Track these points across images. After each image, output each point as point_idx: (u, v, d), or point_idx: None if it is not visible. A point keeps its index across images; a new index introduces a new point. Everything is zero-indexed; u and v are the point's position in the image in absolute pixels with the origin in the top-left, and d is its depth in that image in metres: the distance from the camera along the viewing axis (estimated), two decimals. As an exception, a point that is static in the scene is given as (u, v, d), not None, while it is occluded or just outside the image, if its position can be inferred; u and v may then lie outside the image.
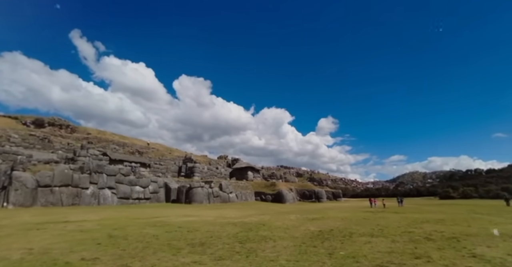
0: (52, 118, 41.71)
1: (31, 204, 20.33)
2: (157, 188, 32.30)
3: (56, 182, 22.37)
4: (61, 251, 6.61)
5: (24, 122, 38.98)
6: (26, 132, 33.08)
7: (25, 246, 7.16)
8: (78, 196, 23.72)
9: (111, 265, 5.61)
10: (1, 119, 38.41)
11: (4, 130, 30.78)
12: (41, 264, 5.52)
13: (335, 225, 13.40)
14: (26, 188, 20.24)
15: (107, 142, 43.86)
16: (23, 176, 20.11)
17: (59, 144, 34.21)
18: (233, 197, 38.72)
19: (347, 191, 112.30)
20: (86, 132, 46.71)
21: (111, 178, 26.84)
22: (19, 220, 13.03)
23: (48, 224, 11.74)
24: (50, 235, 9.08)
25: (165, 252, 6.94)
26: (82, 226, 11.37)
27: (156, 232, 10.16)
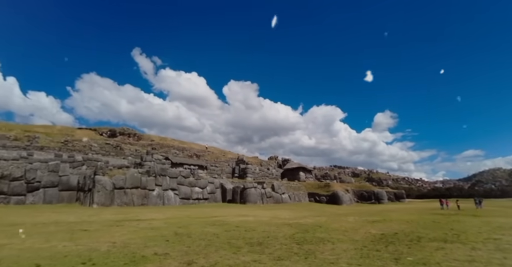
0: (122, 128, 47.54)
1: (110, 204, 23.30)
2: (214, 189, 34.06)
3: (128, 184, 25.22)
4: (137, 246, 7.46)
5: (101, 133, 45.22)
6: (103, 142, 38.38)
7: (109, 240, 8.26)
8: (146, 197, 26.37)
9: (179, 261, 6.12)
10: (84, 131, 45.17)
11: (87, 141, 36.30)
12: (123, 256, 6.32)
13: (400, 228, 12.35)
14: (106, 190, 23.27)
15: (168, 148, 48.01)
16: (103, 179, 23.22)
17: (129, 151, 38.72)
18: (286, 198, 38.62)
19: (411, 191, 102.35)
20: (150, 139, 51.88)
21: (173, 180, 29.21)
22: (103, 217, 15.04)
23: (124, 222, 13.30)
24: (127, 231, 10.29)
25: (226, 250, 7.28)
26: (152, 224, 12.61)
27: (216, 230, 10.73)
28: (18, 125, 42.79)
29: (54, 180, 24.06)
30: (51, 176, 23.99)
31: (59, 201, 23.88)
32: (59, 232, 9.58)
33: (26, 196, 22.41)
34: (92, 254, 6.31)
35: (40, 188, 23.22)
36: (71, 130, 44.65)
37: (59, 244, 7.34)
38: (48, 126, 47.51)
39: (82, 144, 35.58)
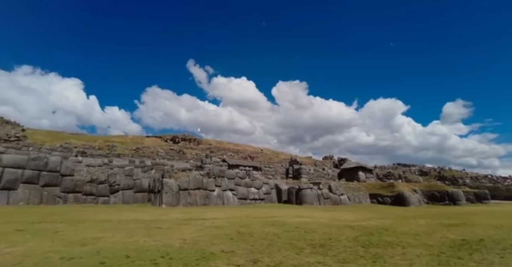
0: (183, 135, 51.86)
1: (176, 204, 25.42)
2: (269, 189, 34.47)
3: (191, 186, 27.18)
4: (205, 243, 8.02)
5: (165, 139, 50.00)
6: (168, 147, 42.39)
7: (180, 237, 9.05)
8: (207, 197, 28.05)
9: (245, 258, 6.40)
10: (151, 138, 50.48)
11: (154, 147, 40.58)
12: (194, 252, 6.87)
13: (486, 234, 10.74)
14: (172, 191, 25.49)
15: (224, 150, 50.48)
16: (169, 182, 25.50)
17: (190, 155, 41.92)
18: (344, 199, 36.91)
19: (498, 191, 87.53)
20: (208, 143, 55.25)
21: (231, 181, 30.50)
22: (172, 216, 16.52)
23: (191, 221, 14.39)
24: (194, 229, 11.12)
25: (289, 250, 7.34)
26: (215, 223, 13.38)
27: (276, 231, 10.87)
28: (100, 137, 49.94)
29: (130, 183, 27.31)
30: (127, 179, 27.29)
31: (134, 201, 26.99)
32: (138, 228, 10.86)
33: (110, 197, 25.88)
34: (168, 250, 7.01)
35: (119, 190, 26.58)
36: (140, 138, 50.38)
37: (141, 239, 8.34)
38: (122, 136, 54.42)
39: (150, 151, 39.84)
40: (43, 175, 22.39)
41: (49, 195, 22.42)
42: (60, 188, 23.13)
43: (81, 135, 48.17)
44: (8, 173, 20.67)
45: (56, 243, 7.29)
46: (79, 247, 7.01)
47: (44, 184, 22.31)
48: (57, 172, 23.26)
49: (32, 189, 21.59)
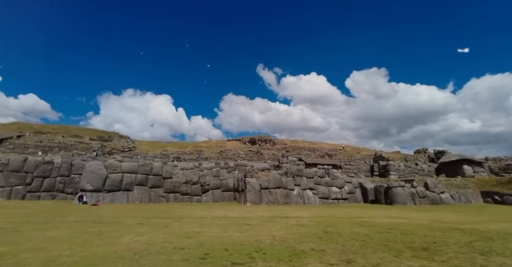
0: (259, 136, 54.12)
1: (259, 202, 26.55)
2: (353, 188, 32.50)
3: (271, 185, 27.95)
4: (294, 241, 8.13)
5: (244, 142, 53.08)
6: (247, 149, 44.88)
7: (269, 234, 9.43)
8: (288, 196, 28.35)
9: (338, 258, 6.21)
10: (232, 142, 54.38)
11: (235, 149, 43.59)
12: (285, 249, 7.06)
13: None
14: (255, 190, 26.74)
15: (300, 149, 50.23)
16: (252, 181, 26.87)
17: (267, 155, 43.29)
18: (446, 198, 31.71)
19: None
20: (283, 143, 55.99)
21: (310, 180, 30.06)
22: (257, 214, 17.33)
23: (275, 218, 14.78)
24: (281, 227, 11.39)
25: (385, 252, 6.77)
26: (300, 222, 13.40)
27: (366, 231, 10.17)
28: (189, 143, 56.56)
29: (217, 183, 29.94)
30: (215, 180, 29.98)
31: (222, 199, 29.42)
32: (230, 224, 11.80)
33: (202, 196, 28.92)
34: (260, 245, 7.39)
35: (209, 190, 29.43)
36: (223, 142, 54.86)
37: (234, 235, 9.04)
38: (207, 141, 60.30)
39: (232, 153, 42.95)
40: (150, 178, 26.67)
41: (155, 195, 26.54)
42: (163, 189, 27.13)
43: (175, 143, 55.56)
44: (126, 177, 25.42)
45: (167, 235, 8.59)
46: (185, 239, 8.08)
47: (151, 186, 26.56)
48: (160, 175, 27.36)
49: (143, 190, 25.99)
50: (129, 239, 7.73)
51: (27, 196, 24.03)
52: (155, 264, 5.36)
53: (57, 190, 25.40)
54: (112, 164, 25.45)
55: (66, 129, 54.26)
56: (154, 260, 5.62)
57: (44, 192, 24.83)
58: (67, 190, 25.65)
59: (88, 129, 61.03)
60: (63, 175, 25.85)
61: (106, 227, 10.00)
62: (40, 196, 24.51)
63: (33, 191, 24.43)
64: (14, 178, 23.96)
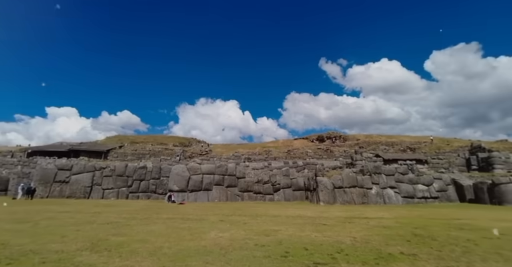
0: (328, 133, 52.11)
1: (333, 202, 25.52)
2: (444, 186, 28.29)
3: (346, 184, 26.55)
4: (378, 243, 7.53)
5: (311, 140, 51.95)
6: (315, 147, 43.79)
7: (348, 234, 8.97)
8: (365, 195, 26.45)
9: (434, 264, 5.48)
10: (299, 140, 53.95)
11: (303, 148, 43.06)
12: (369, 251, 6.61)
13: None
14: (328, 189, 25.85)
15: (375, 144, 46.33)
16: (323, 180, 26.07)
17: (338, 153, 41.32)
18: None
19: None
20: (355, 139, 52.61)
21: (390, 178, 27.41)
22: (333, 214, 16.70)
23: (353, 219, 13.96)
24: (361, 228, 10.69)
25: (499, 263, 5.66)
26: (382, 223, 12.33)
27: (469, 236, 8.69)
28: (257, 144, 58.44)
29: (287, 182, 30.06)
30: (285, 179, 30.17)
31: (294, 199, 29.37)
32: (306, 224, 11.68)
33: (273, 195, 29.47)
34: (341, 246, 7.09)
35: (280, 189, 29.78)
36: (289, 141, 54.90)
37: (312, 234, 8.92)
38: (274, 141, 61.24)
39: (300, 152, 42.55)
40: (226, 179, 28.54)
41: (231, 194, 28.25)
42: (237, 188, 28.69)
43: (245, 145, 58.23)
44: (205, 178, 27.80)
45: (247, 233, 9.03)
46: (264, 237, 8.35)
47: (227, 185, 28.39)
48: (234, 175, 29.01)
49: (220, 190, 27.98)
50: (214, 235, 8.42)
51: (130, 196, 28.60)
52: (240, 259, 5.70)
53: (151, 190, 29.48)
54: (193, 167, 28.21)
55: (154, 138, 62.65)
56: (239, 255, 5.98)
57: (141, 192, 29.16)
58: (158, 190, 29.54)
59: (171, 137, 69.25)
60: (155, 178, 29.86)
61: (193, 224, 11.12)
62: (138, 196, 28.87)
63: (134, 191, 28.95)
64: (119, 181, 28.86)
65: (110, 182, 28.55)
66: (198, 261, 5.49)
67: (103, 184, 28.41)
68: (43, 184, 27.08)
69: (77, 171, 28.33)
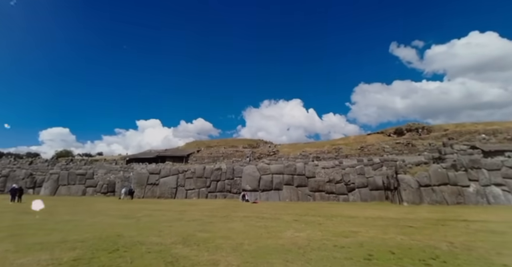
0: (407, 125, 46.63)
1: (419, 202, 22.63)
2: None
3: (434, 181, 23.27)
4: (486, 251, 6.37)
5: (388, 134, 47.33)
6: (393, 142, 39.69)
7: (443, 239, 7.84)
8: (460, 194, 22.69)
9: None
10: (373, 136, 49.85)
11: (378, 144, 39.54)
12: (475, 259, 5.64)
13: None
14: (412, 188, 23.12)
15: (470, 134, 39.29)
16: (406, 178, 23.44)
17: (421, 146, 36.51)
18: None
19: None
20: (442, 129, 45.66)
21: (495, 173, 22.86)
22: (420, 215, 14.87)
23: (447, 222, 12.13)
24: (458, 232, 9.22)
25: None
26: (487, 227, 10.39)
27: None
28: (326, 142, 56.40)
29: (363, 181, 28.06)
30: (360, 178, 28.24)
31: (371, 199, 27.21)
32: (388, 226, 10.70)
33: (348, 195, 27.91)
34: (435, 252, 6.25)
35: (355, 189, 28.01)
36: (362, 137, 51.22)
37: (397, 237, 8.12)
38: (344, 138, 58.12)
39: (375, 148, 39.24)
40: (295, 178, 28.41)
41: (302, 193, 27.94)
42: (308, 188, 28.21)
43: (312, 143, 56.94)
44: (275, 178, 28.25)
45: (324, 233, 8.79)
46: (343, 238, 7.99)
47: (297, 185, 28.22)
48: (303, 175, 28.65)
49: (291, 189, 27.99)
50: (290, 234, 8.48)
51: (209, 196, 31.14)
52: (320, 259, 5.59)
53: (226, 190, 31.48)
54: (263, 167, 29.03)
55: (225, 141, 66.97)
56: (319, 256, 5.87)
57: (218, 192, 31.41)
58: (233, 190, 31.33)
59: (240, 140, 72.88)
60: (229, 178, 31.80)
61: (269, 222, 11.42)
62: (216, 195, 31.17)
63: (212, 191, 31.42)
64: (199, 182, 31.74)
65: (191, 183, 31.68)
66: (278, 259, 5.61)
67: (186, 185, 31.71)
68: (139, 186, 31.86)
69: (164, 174, 32.39)
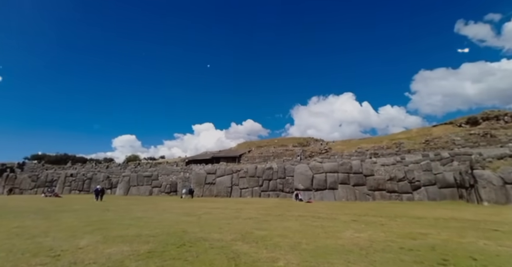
0: (484, 113, 40.37)
1: (506, 202, 19.47)
2: None
3: (524, 177, 19.78)
4: None
5: (458, 124, 41.68)
6: (465, 133, 34.77)
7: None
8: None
9: None
10: (439, 127, 44.53)
11: (447, 136, 35.06)
12: None
13: None
14: (493, 186, 20.06)
15: None
16: (485, 174, 20.43)
17: (504, 137, 31.17)
18: None
19: None
20: (530, 116, 38.45)
21: None
22: (507, 217, 12.82)
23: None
24: None
25: None
26: None
27: None
28: (384, 137, 52.38)
29: (430, 179, 25.31)
30: (426, 175, 25.53)
31: (441, 198, 24.35)
32: (465, 228, 9.46)
33: (413, 194, 25.47)
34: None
35: (421, 187, 25.41)
36: (426, 129, 46.13)
37: (478, 241, 7.12)
38: (405, 131, 53.12)
39: (443, 141, 34.92)
40: (351, 177, 27.04)
41: (360, 193, 26.43)
42: (366, 187, 26.56)
43: (368, 139, 53.45)
44: (329, 177, 27.31)
45: (388, 234, 8.18)
46: (410, 240, 7.32)
47: (354, 184, 26.81)
48: (360, 173, 27.09)
49: (347, 188, 26.72)
50: (350, 235, 8.10)
51: (262, 194, 31.63)
52: (385, 262, 5.22)
53: (279, 189, 31.55)
54: (315, 166, 28.34)
55: (275, 141, 67.24)
56: (383, 258, 5.49)
57: (270, 191, 31.68)
58: (285, 189, 31.26)
59: (289, 138, 72.42)
60: (280, 177, 31.83)
61: (325, 222, 11.09)
62: (269, 194, 31.49)
63: (264, 190, 31.84)
64: (252, 181, 32.47)
65: (245, 182, 32.60)
66: (339, 259, 5.41)
67: (240, 184, 32.76)
68: (198, 186, 34.00)
69: (220, 174, 33.98)
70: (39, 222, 10.96)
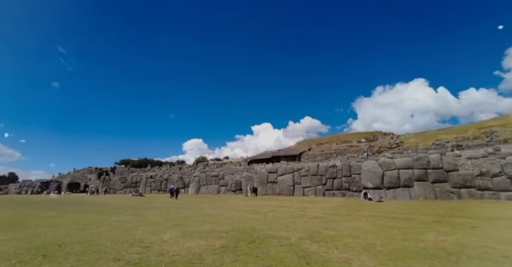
0: None
1: None
2: None
3: None
4: None
5: None
6: None
7: None
8: None
9: None
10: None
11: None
12: None
13: None
14: None
15: None
16: None
17: None
18: None
19: None
20: None
21: None
22: None
23: None
24: None
25: None
26: None
27: None
28: (469, 126, 45.13)
29: (538, 173, 20.75)
30: (532, 168, 21.01)
31: (558, 197, 19.70)
32: None
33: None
34: None
35: (526, 183, 21.03)
36: (526, 114, 38.03)
37: None
38: (498, 118, 44.66)
39: (552, 126, 28.19)
40: (430, 173, 24.03)
41: (441, 190, 23.27)
42: (449, 184, 23.27)
43: (447, 129, 46.74)
44: (402, 174, 24.81)
45: (483, 239, 7.00)
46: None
47: (432, 180, 23.77)
48: (441, 168, 23.87)
49: (425, 186, 23.84)
50: (433, 238, 7.21)
51: (326, 194, 30.58)
52: (483, 271, 4.49)
53: (344, 188, 30.03)
54: (385, 162, 26.10)
55: (337, 137, 64.34)
56: (480, 266, 4.73)
57: (335, 190, 30.38)
58: (352, 188, 29.59)
59: (352, 134, 68.39)
60: (346, 175, 30.25)
61: (401, 223, 10.11)
62: (334, 193, 30.24)
63: (329, 189, 30.71)
64: (315, 180, 31.69)
65: (307, 181, 32.03)
66: (422, 264, 4.87)
67: (302, 183, 32.32)
68: (260, 184, 34.81)
69: (281, 173, 34.16)
70: (131, 217, 12.75)
